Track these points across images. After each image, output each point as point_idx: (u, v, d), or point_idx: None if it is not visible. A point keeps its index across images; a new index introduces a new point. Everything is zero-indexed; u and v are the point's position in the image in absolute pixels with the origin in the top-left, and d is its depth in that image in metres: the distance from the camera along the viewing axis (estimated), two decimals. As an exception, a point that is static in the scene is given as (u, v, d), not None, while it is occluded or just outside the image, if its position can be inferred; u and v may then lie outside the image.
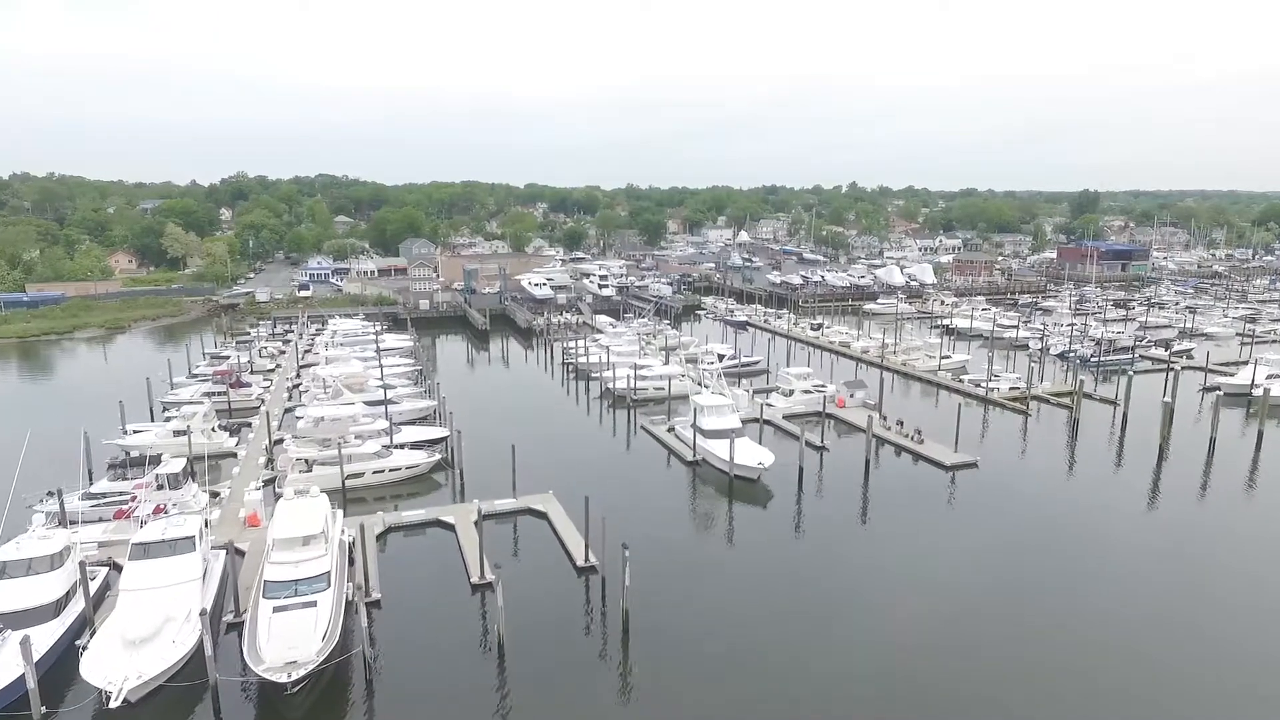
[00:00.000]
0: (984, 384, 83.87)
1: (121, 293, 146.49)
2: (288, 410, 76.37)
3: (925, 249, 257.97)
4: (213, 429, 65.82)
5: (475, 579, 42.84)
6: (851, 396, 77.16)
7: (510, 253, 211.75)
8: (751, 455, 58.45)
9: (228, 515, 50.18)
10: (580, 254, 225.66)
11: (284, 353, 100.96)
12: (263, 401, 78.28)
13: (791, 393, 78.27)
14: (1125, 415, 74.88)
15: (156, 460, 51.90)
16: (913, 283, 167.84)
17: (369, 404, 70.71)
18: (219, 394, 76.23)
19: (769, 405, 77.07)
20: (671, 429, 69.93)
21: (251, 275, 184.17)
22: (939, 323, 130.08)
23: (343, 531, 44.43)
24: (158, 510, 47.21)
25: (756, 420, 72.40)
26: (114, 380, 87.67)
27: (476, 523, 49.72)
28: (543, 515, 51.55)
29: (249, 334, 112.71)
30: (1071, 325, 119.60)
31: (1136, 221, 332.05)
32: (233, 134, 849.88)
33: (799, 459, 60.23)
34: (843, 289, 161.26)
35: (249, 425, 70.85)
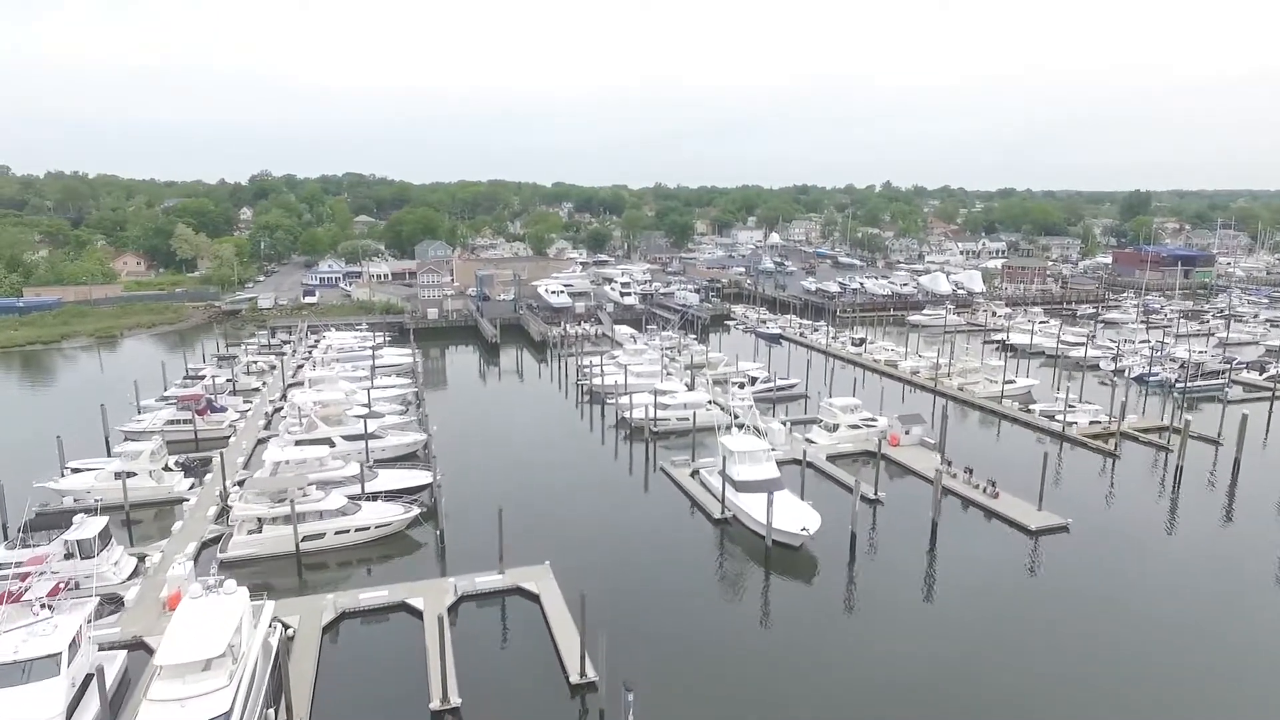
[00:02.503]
0: (1059, 416, 72.42)
1: (121, 297, 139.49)
2: (261, 441, 67.38)
3: (968, 252, 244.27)
4: (164, 468, 56.94)
5: (437, 702, 32.96)
6: (907, 433, 66.28)
7: (531, 256, 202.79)
8: (793, 518, 48.03)
9: (149, 592, 40.97)
10: (604, 256, 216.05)
11: (274, 368, 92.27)
12: (235, 431, 69.44)
13: (836, 427, 67.62)
14: (1237, 460, 63.17)
15: (68, 520, 42.85)
16: (960, 291, 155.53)
17: (347, 438, 61.56)
18: (183, 422, 67.46)
19: (810, 442, 66.55)
20: (696, 473, 59.73)
21: (262, 278, 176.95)
22: (993, 337, 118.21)
23: (271, 628, 34.93)
24: (56, 590, 38.11)
25: (796, 462, 61.93)
26: (81, 399, 79.60)
27: (451, 608, 40.34)
28: (534, 598, 41.63)
29: (240, 345, 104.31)
30: (1146, 343, 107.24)
31: (1192, 224, 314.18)
32: (267, 134, 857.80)
33: (851, 520, 49.60)
34: (884, 298, 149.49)
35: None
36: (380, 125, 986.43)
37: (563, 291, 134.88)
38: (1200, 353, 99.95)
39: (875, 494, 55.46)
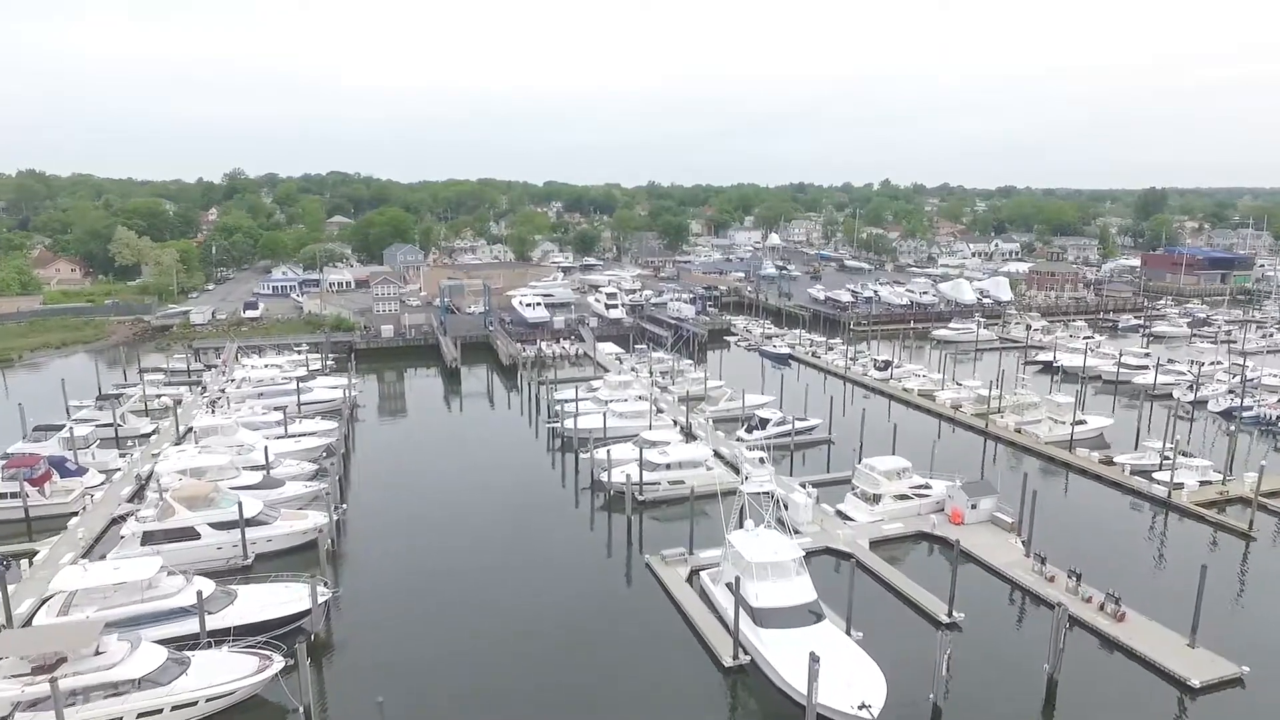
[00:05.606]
0: (1158, 475, 56.28)
1: (36, 312, 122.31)
2: (116, 520, 50.64)
3: (980, 254, 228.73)
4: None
5: None
6: (973, 508, 49.99)
7: (512, 261, 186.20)
8: (845, 682, 31.58)
9: None
10: (591, 260, 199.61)
11: (180, 404, 75.41)
12: (88, 505, 52.65)
13: (878, 498, 51.30)
14: None
15: None
16: (985, 300, 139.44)
17: (219, 525, 44.93)
18: (12, 496, 50.67)
19: (846, 520, 50.31)
20: (695, 575, 43.37)
21: (211, 287, 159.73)
22: (1035, 357, 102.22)
23: None
24: None
25: (833, 554, 45.76)
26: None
27: None
28: None
29: (159, 372, 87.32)
30: (1219, 364, 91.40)
31: (1211, 223, 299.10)
32: (261, 133, 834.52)
33: (930, 680, 33.09)
34: (902, 309, 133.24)
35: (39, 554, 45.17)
36: (379, 123, 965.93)
37: (539, 304, 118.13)
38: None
39: (950, 613, 39.24)
